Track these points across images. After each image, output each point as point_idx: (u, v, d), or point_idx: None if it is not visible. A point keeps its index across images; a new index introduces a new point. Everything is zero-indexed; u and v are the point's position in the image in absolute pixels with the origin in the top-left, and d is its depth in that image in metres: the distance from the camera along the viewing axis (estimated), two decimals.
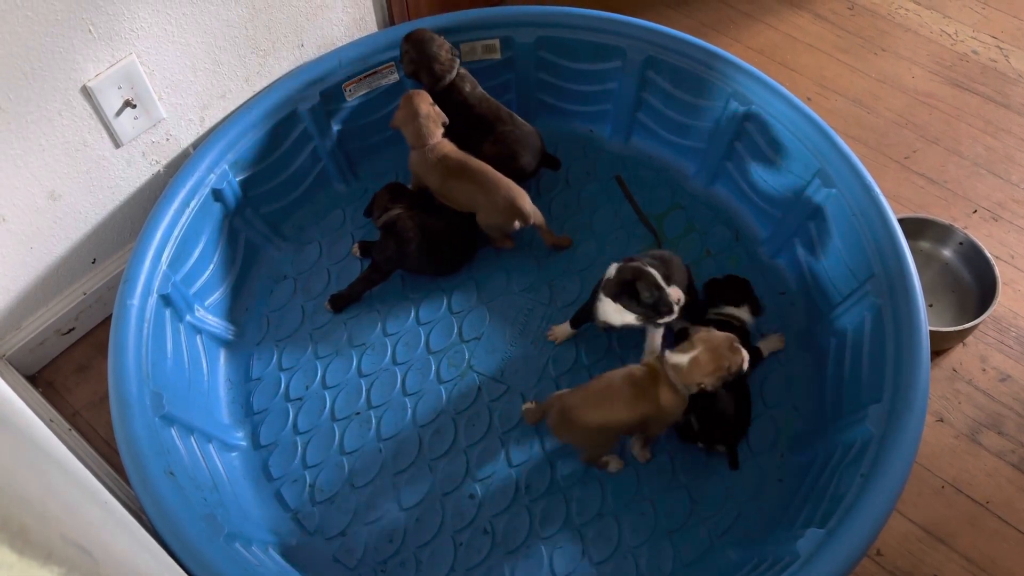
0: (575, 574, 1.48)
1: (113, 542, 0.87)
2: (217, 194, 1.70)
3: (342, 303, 1.76)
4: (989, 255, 1.78)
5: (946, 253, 1.88)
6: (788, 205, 1.77)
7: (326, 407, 1.66)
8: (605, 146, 2.00)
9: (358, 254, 1.82)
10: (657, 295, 1.45)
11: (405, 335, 1.74)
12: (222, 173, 1.70)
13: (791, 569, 1.27)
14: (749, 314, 1.65)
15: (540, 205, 1.82)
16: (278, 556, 1.45)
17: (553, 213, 1.88)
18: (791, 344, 1.70)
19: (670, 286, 1.46)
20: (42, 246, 1.63)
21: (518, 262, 1.82)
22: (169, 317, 1.59)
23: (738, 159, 1.85)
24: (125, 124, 1.60)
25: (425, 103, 1.72)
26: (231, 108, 1.80)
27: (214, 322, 1.72)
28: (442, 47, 1.78)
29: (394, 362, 1.71)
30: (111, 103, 1.55)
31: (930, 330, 1.47)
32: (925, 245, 1.89)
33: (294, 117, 1.79)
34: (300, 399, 1.67)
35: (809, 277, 1.74)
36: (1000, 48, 2.30)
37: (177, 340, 1.60)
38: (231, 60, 1.72)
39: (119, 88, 1.54)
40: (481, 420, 1.63)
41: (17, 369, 1.71)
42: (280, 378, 1.69)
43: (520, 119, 1.84)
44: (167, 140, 1.71)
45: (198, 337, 1.67)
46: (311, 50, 1.87)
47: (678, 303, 1.47)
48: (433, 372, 1.69)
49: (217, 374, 1.69)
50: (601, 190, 1.93)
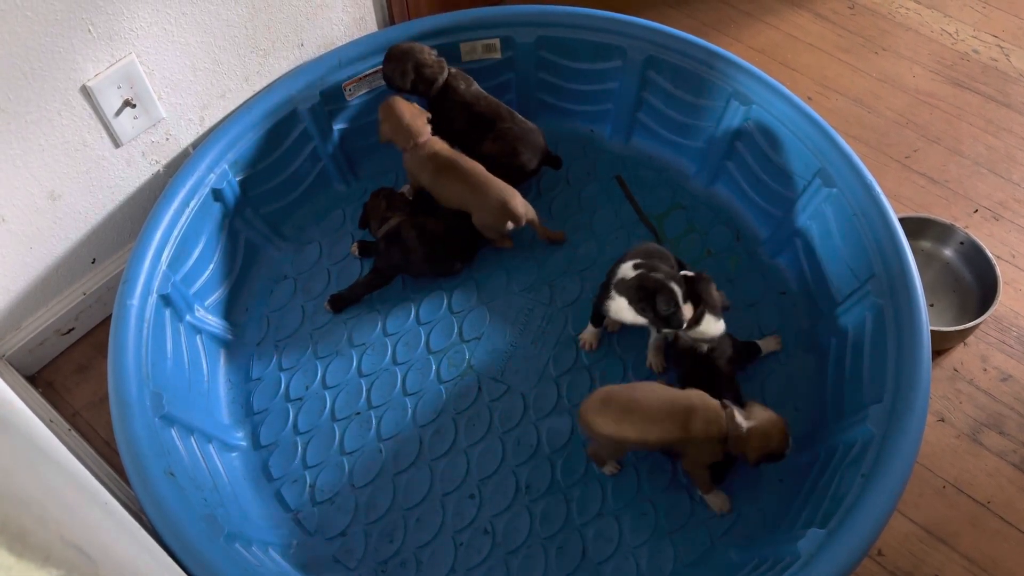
0: (575, 574, 1.47)
1: (113, 543, 0.87)
2: (217, 194, 1.70)
3: (342, 304, 1.75)
4: (990, 255, 1.78)
5: (947, 253, 1.88)
6: (789, 205, 1.77)
7: (326, 407, 1.66)
8: (605, 146, 2.00)
9: (357, 254, 1.82)
10: (673, 311, 1.45)
11: (405, 335, 1.74)
12: (222, 173, 1.70)
13: (792, 569, 1.27)
14: (716, 322, 1.51)
15: (540, 205, 1.82)
16: (278, 556, 1.45)
17: (553, 213, 1.88)
18: (792, 344, 1.69)
19: (686, 303, 1.46)
20: (42, 246, 1.63)
21: (518, 262, 1.82)
22: (169, 317, 1.59)
23: (739, 159, 1.84)
24: (125, 124, 1.59)
25: (402, 104, 1.73)
26: (231, 108, 1.79)
27: (214, 322, 1.71)
28: (422, 51, 1.77)
29: (394, 362, 1.71)
30: (111, 103, 1.54)
31: (931, 330, 1.47)
32: (926, 245, 1.89)
33: (294, 117, 1.79)
34: (300, 399, 1.67)
35: (810, 277, 1.74)
36: (1001, 47, 2.30)
37: (177, 340, 1.60)
38: (231, 60, 1.72)
39: (119, 88, 1.54)
40: (481, 420, 1.63)
41: (17, 369, 1.71)
42: (280, 378, 1.69)
43: (521, 117, 1.84)
44: (167, 140, 1.71)
45: (198, 337, 1.67)
46: (311, 50, 1.87)
47: (687, 320, 1.48)
48: (433, 372, 1.69)
49: (217, 374, 1.69)
50: (601, 190, 1.93)
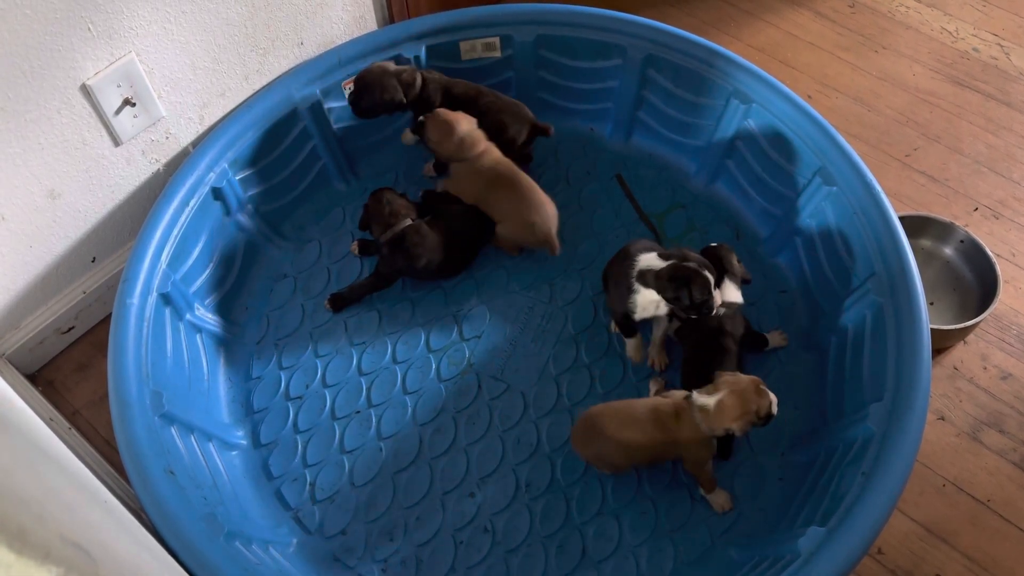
0: (575, 573, 1.48)
1: (113, 541, 0.87)
2: (217, 193, 1.70)
3: (342, 303, 1.75)
4: (990, 253, 1.78)
5: (947, 251, 1.88)
6: (789, 203, 1.76)
7: (326, 406, 1.66)
8: (606, 145, 2.00)
9: (357, 252, 1.82)
10: (706, 298, 1.45)
11: (405, 334, 1.74)
12: (222, 172, 1.70)
13: (792, 568, 1.27)
14: (736, 291, 1.58)
15: None
16: (278, 555, 1.45)
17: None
18: (792, 343, 1.69)
19: (716, 288, 1.47)
20: (42, 245, 1.63)
21: (518, 261, 1.82)
22: (169, 316, 1.59)
23: (739, 158, 1.84)
24: (124, 122, 1.59)
25: (452, 115, 1.70)
26: (231, 106, 1.79)
27: (214, 321, 1.71)
28: (388, 65, 1.77)
29: (394, 361, 1.70)
30: (110, 101, 1.54)
31: (931, 328, 1.47)
32: (926, 243, 1.89)
33: (294, 116, 1.79)
34: (300, 398, 1.67)
35: (810, 275, 1.74)
36: (1001, 46, 2.29)
37: (177, 339, 1.60)
38: (230, 58, 1.72)
39: (118, 86, 1.54)
40: (481, 419, 1.63)
41: (17, 368, 1.71)
42: (280, 377, 1.69)
43: (501, 94, 1.84)
44: (166, 138, 1.71)
45: (198, 336, 1.67)
46: (311, 48, 1.87)
47: (719, 305, 1.49)
48: (433, 371, 1.69)
49: (217, 373, 1.69)
50: (601, 189, 1.93)
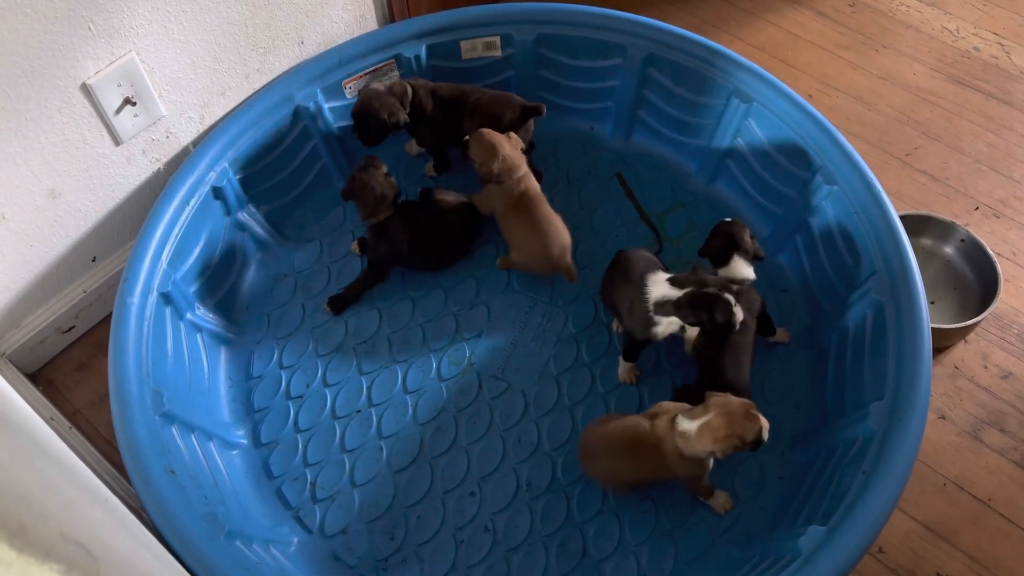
0: (576, 572, 1.47)
1: (113, 540, 0.87)
2: (217, 192, 1.70)
3: (341, 304, 1.75)
4: (991, 252, 1.78)
5: (948, 250, 1.88)
6: (790, 202, 1.76)
7: (327, 405, 1.66)
8: (606, 144, 2.00)
9: (357, 251, 1.82)
10: (729, 318, 1.44)
11: (406, 333, 1.74)
12: (222, 171, 1.70)
13: (792, 567, 1.27)
14: (747, 267, 1.57)
15: None
16: (279, 554, 1.45)
17: (554, 211, 1.88)
18: (793, 342, 1.69)
19: (736, 304, 1.45)
20: (42, 244, 1.63)
21: None
22: (169, 315, 1.59)
23: (739, 157, 1.84)
24: (125, 122, 1.59)
25: (497, 135, 1.68)
26: (231, 106, 1.79)
27: (214, 320, 1.71)
28: (377, 85, 1.77)
29: (394, 360, 1.70)
30: (111, 101, 1.54)
31: (932, 327, 1.47)
32: (927, 242, 1.89)
33: (294, 115, 1.79)
34: (301, 397, 1.67)
35: (810, 274, 1.74)
36: (1001, 45, 2.29)
37: (177, 338, 1.60)
38: (231, 58, 1.72)
39: (119, 86, 1.54)
40: (482, 418, 1.63)
41: (17, 367, 1.71)
42: (281, 376, 1.69)
43: (486, 89, 1.83)
44: (167, 138, 1.71)
45: (198, 335, 1.67)
46: (311, 47, 1.87)
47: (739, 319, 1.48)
48: (434, 370, 1.69)
49: (218, 372, 1.69)
50: (602, 188, 1.93)
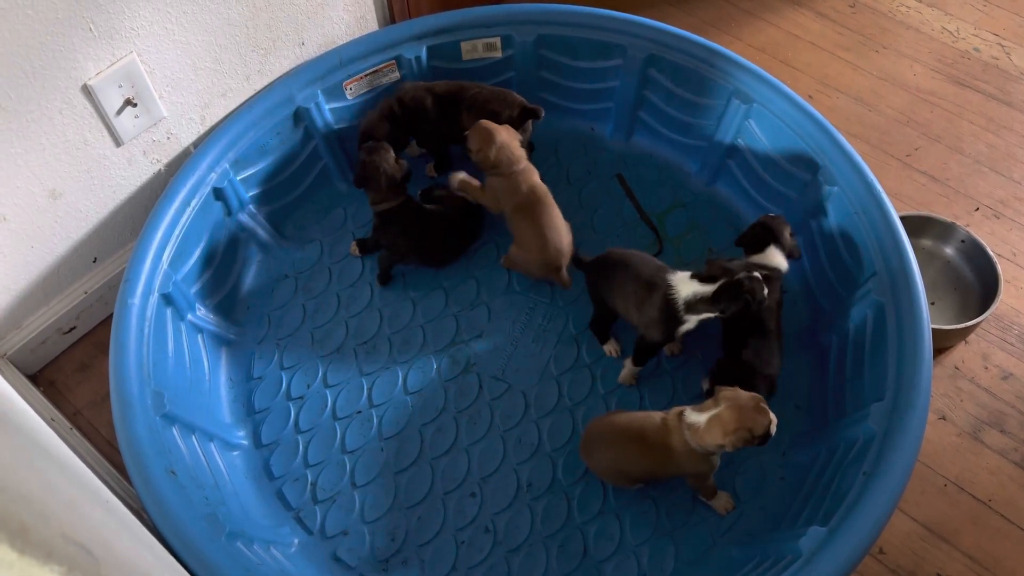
0: (576, 572, 1.48)
1: (114, 541, 0.87)
2: (218, 193, 1.70)
3: (387, 277, 1.79)
4: (991, 253, 1.78)
5: (948, 251, 1.88)
6: (790, 203, 1.76)
7: (327, 406, 1.66)
8: (606, 144, 2.00)
9: (357, 253, 1.82)
10: (763, 297, 1.45)
11: (406, 334, 1.74)
12: (223, 172, 1.70)
13: (793, 567, 1.27)
14: (782, 258, 1.60)
15: None
16: (279, 555, 1.45)
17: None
18: (793, 342, 1.69)
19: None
20: (43, 245, 1.63)
21: None
22: (170, 316, 1.59)
23: (740, 157, 1.84)
24: (126, 123, 1.59)
25: (494, 127, 1.68)
26: (232, 107, 1.79)
27: (215, 321, 1.71)
28: (371, 117, 1.80)
29: (395, 361, 1.70)
30: (112, 102, 1.55)
31: (932, 328, 1.47)
32: (927, 243, 1.89)
33: (295, 116, 1.79)
34: (301, 398, 1.67)
35: (811, 275, 1.74)
36: (1002, 45, 2.29)
37: (178, 339, 1.60)
38: (232, 59, 1.72)
39: (120, 87, 1.54)
40: (482, 418, 1.63)
41: (18, 368, 1.71)
42: (281, 377, 1.69)
43: (485, 85, 1.84)
44: (168, 139, 1.71)
45: (199, 336, 1.67)
46: (312, 49, 1.87)
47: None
48: (434, 371, 1.69)
49: (218, 373, 1.69)
50: (602, 188, 1.93)
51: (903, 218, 1.60)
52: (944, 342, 1.76)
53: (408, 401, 1.66)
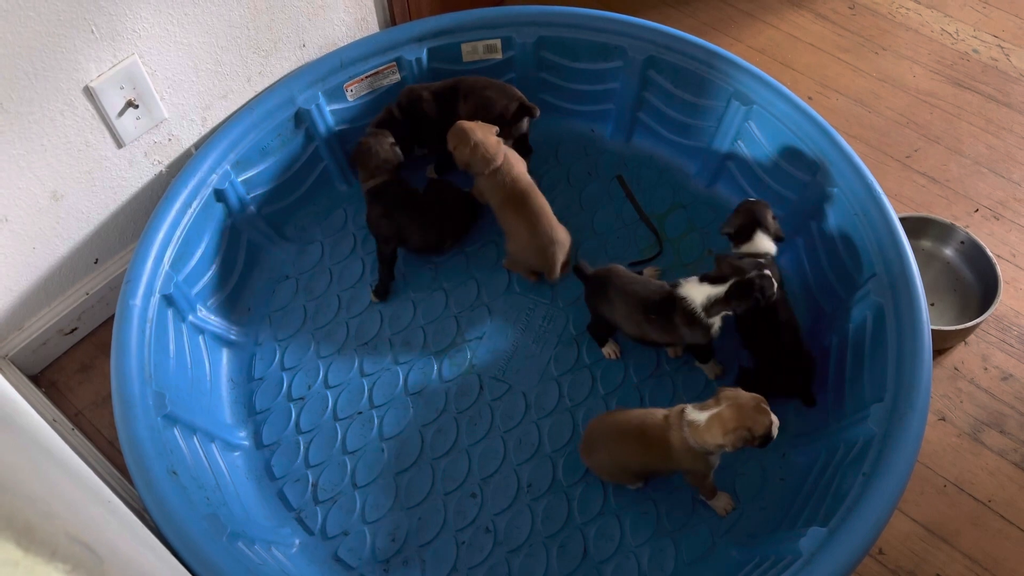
0: (577, 573, 1.48)
1: (117, 541, 0.87)
2: (219, 194, 1.71)
3: (383, 290, 1.78)
4: (991, 254, 1.78)
5: (948, 252, 1.88)
6: (790, 204, 1.77)
7: (328, 407, 1.66)
8: (606, 146, 2.00)
9: (375, 300, 1.80)
10: (771, 296, 1.49)
11: (407, 335, 1.74)
12: (224, 173, 1.71)
13: (793, 568, 1.27)
14: (769, 242, 1.61)
15: None
16: (281, 556, 1.45)
17: (555, 212, 1.88)
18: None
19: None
20: (44, 246, 1.63)
21: None
22: (171, 317, 1.59)
23: (739, 159, 1.85)
24: (127, 124, 1.60)
25: (470, 126, 1.68)
26: (233, 108, 1.80)
27: (216, 322, 1.72)
28: (381, 118, 1.81)
29: (396, 362, 1.71)
30: (113, 103, 1.55)
31: (932, 329, 1.47)
32: (927, 244, 1.89)
33: (296, 117, 1.80)
34: (302, 399, 1.67)
35: (811, 276, 1.74)
36: (1001, 47, 2.30)
37: (179, 340, 1.60)
38: (233, 60, 1.72)
39: (121, 88, 1.55)
40: (483, 419, 1.63)
41: (20, 369, 1.72)
42: (282, 378, 1.70)
43: (482, 76, 1.85)
44: (169, 140, 1.72)
45: (200, 337, 1.67)
46: (313, 50, 1.88)
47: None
48: (435, 371, 1.69)
49: (219, 374, 1.69)
50: (602, 190, 1.93)
51: (903, 219, 1.61)
52: (944, 343, 1.76)
53: (409, 402, 1.66)
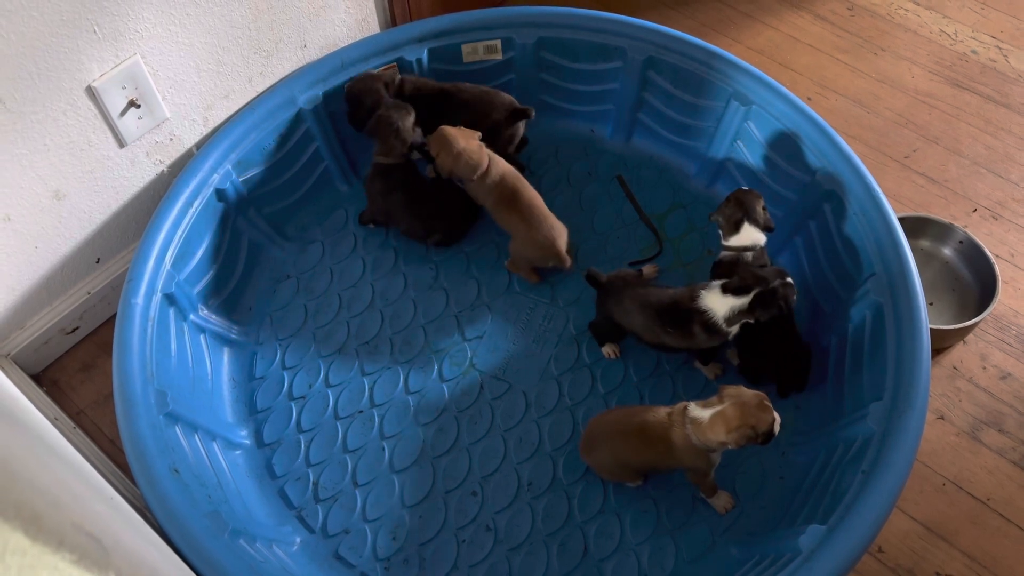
0: (577, 571, 1.48)
1: (121, 535, 0.87)
2: (220, 194, 1.71)
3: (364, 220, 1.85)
4: (989, 254, 1.79)
5: (946, 252, 1.89)
6: (789, 204, 1.78)
7: (329, 406, 1.66)
8: (606, 146, 2.01)
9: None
10: (793, 304, 1.52)
11: (407, 334, 1.75)
12: (225, 173, 1.71)
13: (793, 565, 1.28)
14: (758, 232, 1.62)
15: None
16: (282, 553, 1.45)
17: (554, 213, 1.89)
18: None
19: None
20: (47, 245, 1.64)
21: None
22: (173, 316, 1.60)
23: (739, 159, 1.86)
24: (129, 124, 1.60)
25: (452, 133, 1.69)
26: (234, 108, 1.81)
27: (217, 321, 1.72)
28: (373, 74, 1.80)
29: (396, 361, 1.71)
30: (115, 103, 1.56)
31: (930, 328, 1.47)
32: (925, 244, 1.90)
33: (297, 117, 1.80)
34: (303, 398, 1.68)
35: (810, 276, 1.75)
36: (999, 48, 2.31)
37: (181, 339, 1.61)
38: (234, 60, 1.73)
39: (123, 88, 1.55)
40: (483, 418, 1.64)
41: (22, 368, 1.72)
42: (283, 377, 1.70)
43: (475, 85, 1.85)
44: (171, 140, 1.72)
45: (202, 336, 1.68)
46: (314, 51, 1.88)
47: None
48: (435, 371, 1.70)
49: (221, 373, 1.70)
50: (602, 190, 1.94)
51: (901, 219, 1.61)
52: (942, 342, 1.77)
53: (409, 401, 1.66)
